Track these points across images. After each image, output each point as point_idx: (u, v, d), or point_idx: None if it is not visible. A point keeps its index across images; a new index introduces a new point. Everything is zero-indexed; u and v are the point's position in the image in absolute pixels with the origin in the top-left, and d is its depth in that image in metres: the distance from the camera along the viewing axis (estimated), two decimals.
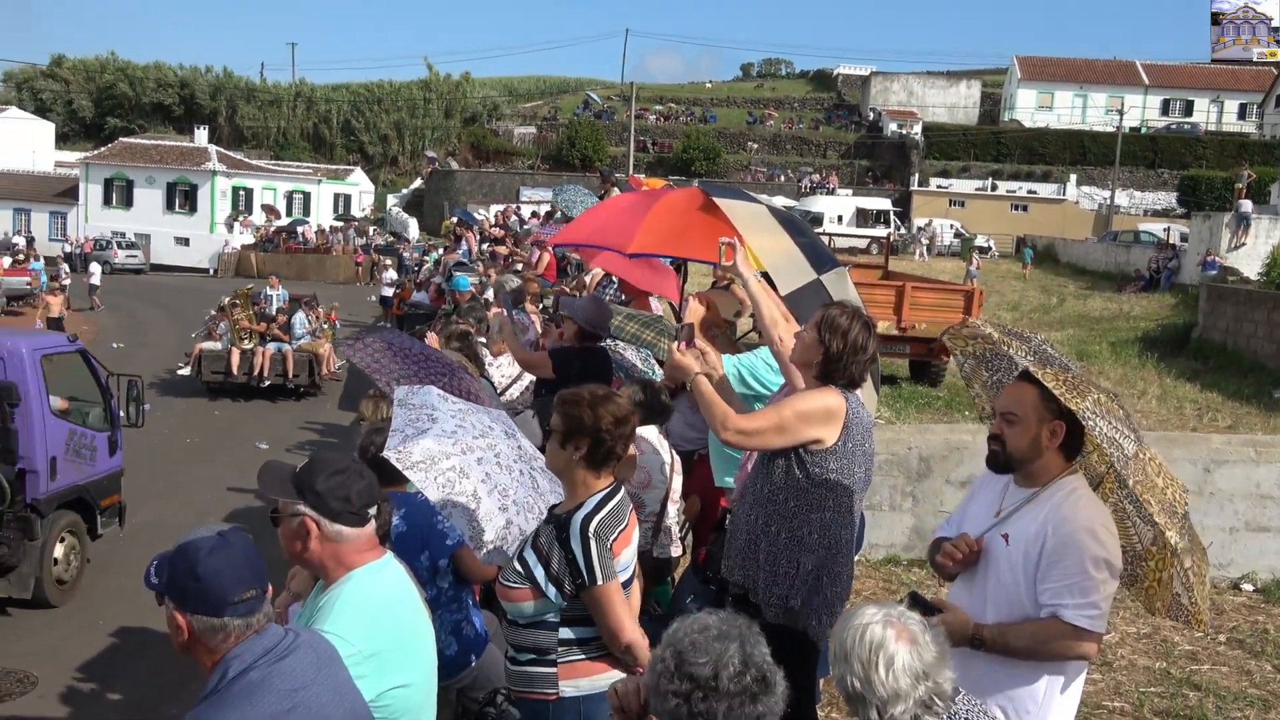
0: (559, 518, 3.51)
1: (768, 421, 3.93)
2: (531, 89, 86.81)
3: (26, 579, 8.96)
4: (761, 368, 5.41)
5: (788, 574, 3.93)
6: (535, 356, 6.58)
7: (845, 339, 3.88)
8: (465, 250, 24.60)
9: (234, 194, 53.83)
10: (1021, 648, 3.25)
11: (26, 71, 79.19)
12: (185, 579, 2.43)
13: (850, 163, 66.20)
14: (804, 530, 3.92)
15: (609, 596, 3.41)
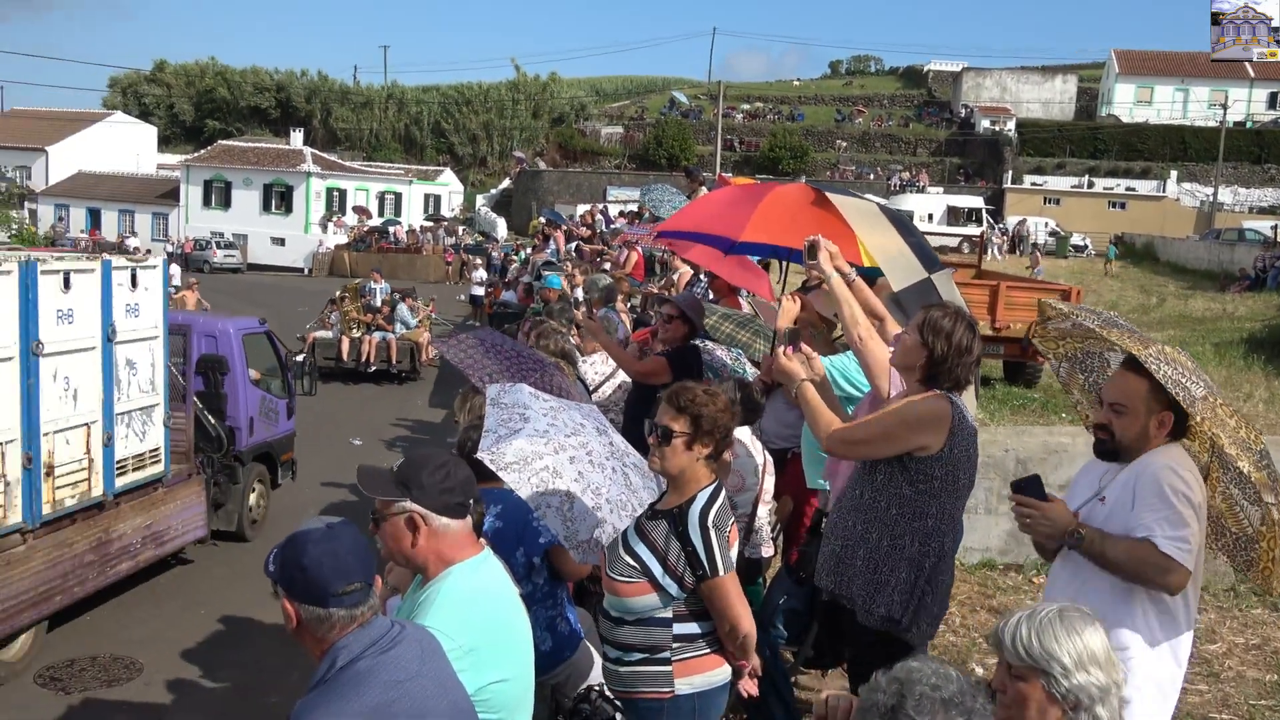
0: (672, 512, 3.52)
1: (874, 431, 3.88)
2: (618, 89, 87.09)
3: (231, 515, 10.85)
4: (853, 369, 5.36)
5: (886, 582, 3.87)
6: (649, 365, 6.54)
7: (950, 341, 3.81)
8: (553, 249, 24.79)
9: (328, 195, 54.96)
10: (1115, 556, 3.33)
11: (130, 77, 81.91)
12: (293, 568, 2.49)
13: (941, 160, 65.19)
14: (905, 539, 3.86)
15: (728, 587, 3.44)
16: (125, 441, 8.82)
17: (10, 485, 7.52)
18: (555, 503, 3.95)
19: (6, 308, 7.42)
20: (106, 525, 8.67)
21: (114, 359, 8.58)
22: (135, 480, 9.03)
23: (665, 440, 3.54)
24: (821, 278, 4.68)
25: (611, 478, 4.15)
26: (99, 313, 8.41)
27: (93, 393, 8.35)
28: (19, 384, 7.51)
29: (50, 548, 8.01)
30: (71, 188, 57.83)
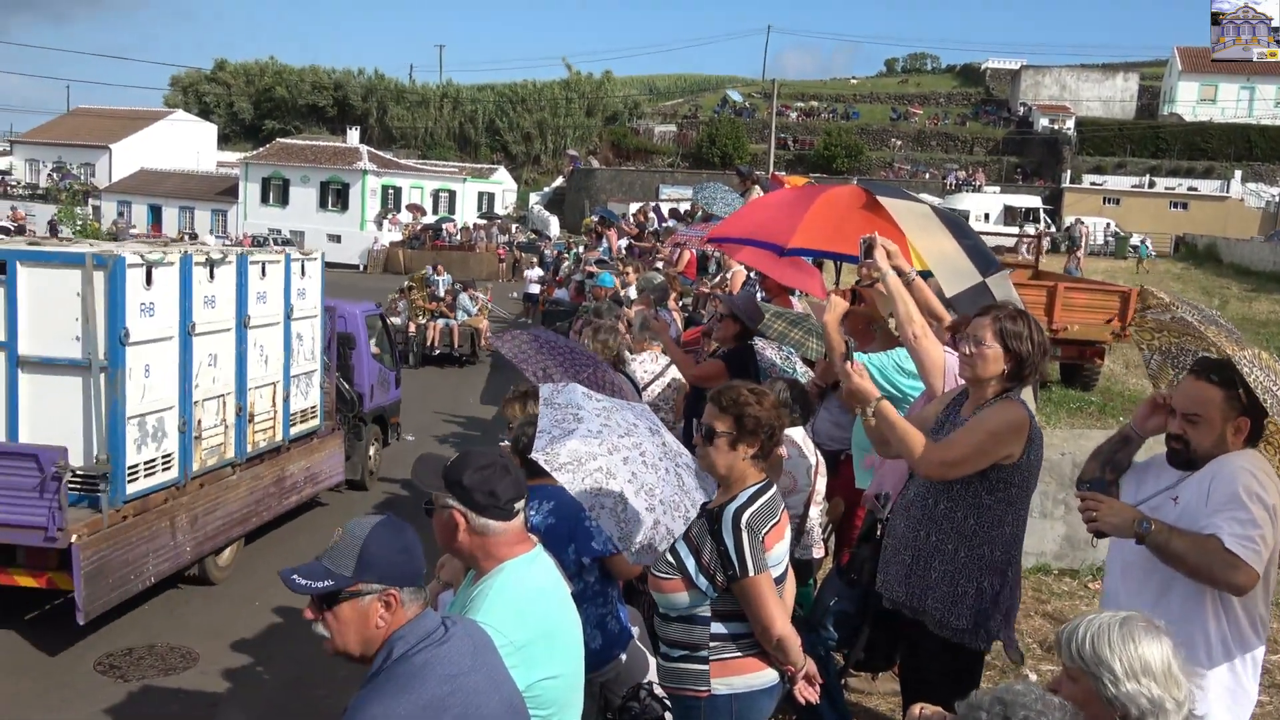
0: (711, 510, 3.54)
1: (968, 450, 3.81)
2: (672, 87, 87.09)
3: (356, 466, 12.71)
4: (891, 368, 5.33)
5: (965, 594, 3.84)
6: (707, 369, 6.53)
7: (1030, 341, 3.85)
8: (605, 248, 24.84)
9: (383, 192, 55.48)
10: (1179, 550, 3.25)
11: (191, 76, 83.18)
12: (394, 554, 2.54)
13: (998, 159, 64.40)
14: (985, 548, 3.82)
15: (760, 589, 3.41)
16: (295, 399, 10.83)
17: (228, 428, 9.59)
18: (609, 504, 3.95)
19: (226, 291, 9.45)
20: (283, 465, 10.71)
21: (290, 332, 10.61)
22: (301, 431, 11.05)
23: (709, 439, 3.55)
24: (877, 276, 4.64)
25: (664, 479, 4.14)
26: (282, 295, 10.43)
27: (276, 359, 10.40)
28: (234, 350, 9.64)
29: (250, 479, 10.09)
30: (134, 185, 58.93)
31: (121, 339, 8.06)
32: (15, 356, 8.10)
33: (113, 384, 8.05)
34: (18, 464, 7.82)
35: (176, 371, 8.78)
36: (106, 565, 8.06)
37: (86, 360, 8.03)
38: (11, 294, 8.08)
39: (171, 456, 8.80)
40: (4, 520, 7.85)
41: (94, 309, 7.99)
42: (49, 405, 8.14)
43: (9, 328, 8.10)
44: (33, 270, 8.16)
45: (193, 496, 9.13)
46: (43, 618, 8.81)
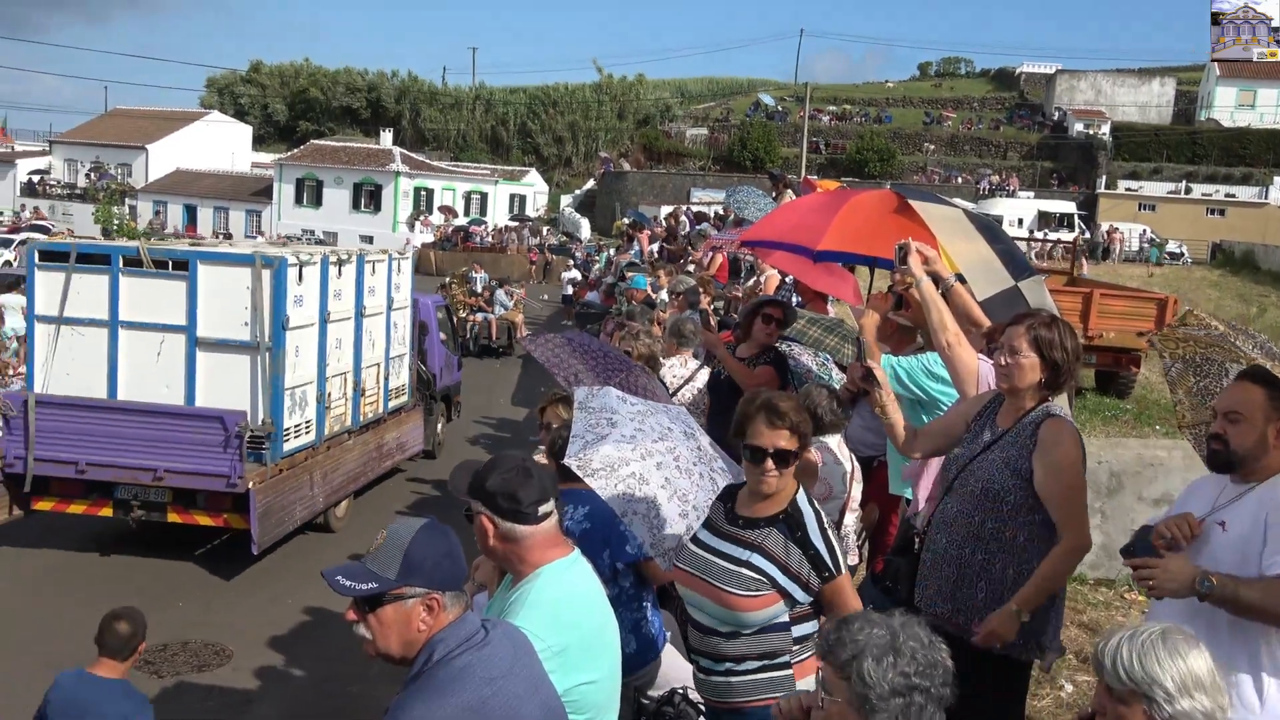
0: (780, 520, 3.51)
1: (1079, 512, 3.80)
2: (703, 90, 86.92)
3: (429, 439, 14.27)
4: (920, 372, 5.30)
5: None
6: (760, 374, 6.52)
7: (1065, 348, 3.83)
8: (637, 251, 24.84)
9: (416, 194, 55.79)
10: (1254, 602, 3.10)
11: (227, 77, 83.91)
12: (439, 558, 2.56)
13: (1032, 164, 63.91)
14: (1034, 564, 3.77)
15: (848, 583, 3.51)
16: (392, 378, 12.59)
17: (347, 401, 11.40)
18: (642, 509, 3.94)
19: (348, 286, 11.18)
20: (382, 434, 12.41)
21: (390, 321, 12.36)
22: (395, 405, 12.80)
23: (786, 463, 3.50)
24: (911, 282, 4.62)
25: (699, 484, 4.13)
26: (385, 289, 12.15)
27: (380, 343, 12.14)
28: (353, 336, 11.40)
29: (360, 445, 11.81)
30: (169, 184, 59.54)
31: (283, 325, 9.88)
32: (195, 338, 9.90)
33: (275, 362, 9.87)
34: (206, 424, 9.63)
35: (316, 353, 10.63)
36: (271, 508, 9.87)
37: (254, 342, 9.82)
38: (192, 287, 9.86)
39: (310, 423, 10.64)
40: (194, 469, 9.65)
41: (262, 300, 9.78)
42: (220, 378, 9.94)
43: (189, 314, 9.88)
44: (210, 268, 9.93)
45: (324, 456, 10.95)
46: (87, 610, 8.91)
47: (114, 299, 9.96)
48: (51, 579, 9.95)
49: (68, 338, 10.04)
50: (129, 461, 9.76)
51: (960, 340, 4.51)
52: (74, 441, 9.80)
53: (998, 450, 3.88)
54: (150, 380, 9.99)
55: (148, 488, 9.86)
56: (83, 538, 10.90)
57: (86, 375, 10.03)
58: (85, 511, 10.28)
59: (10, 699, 7.20)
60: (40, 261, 10.20)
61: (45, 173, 63.33)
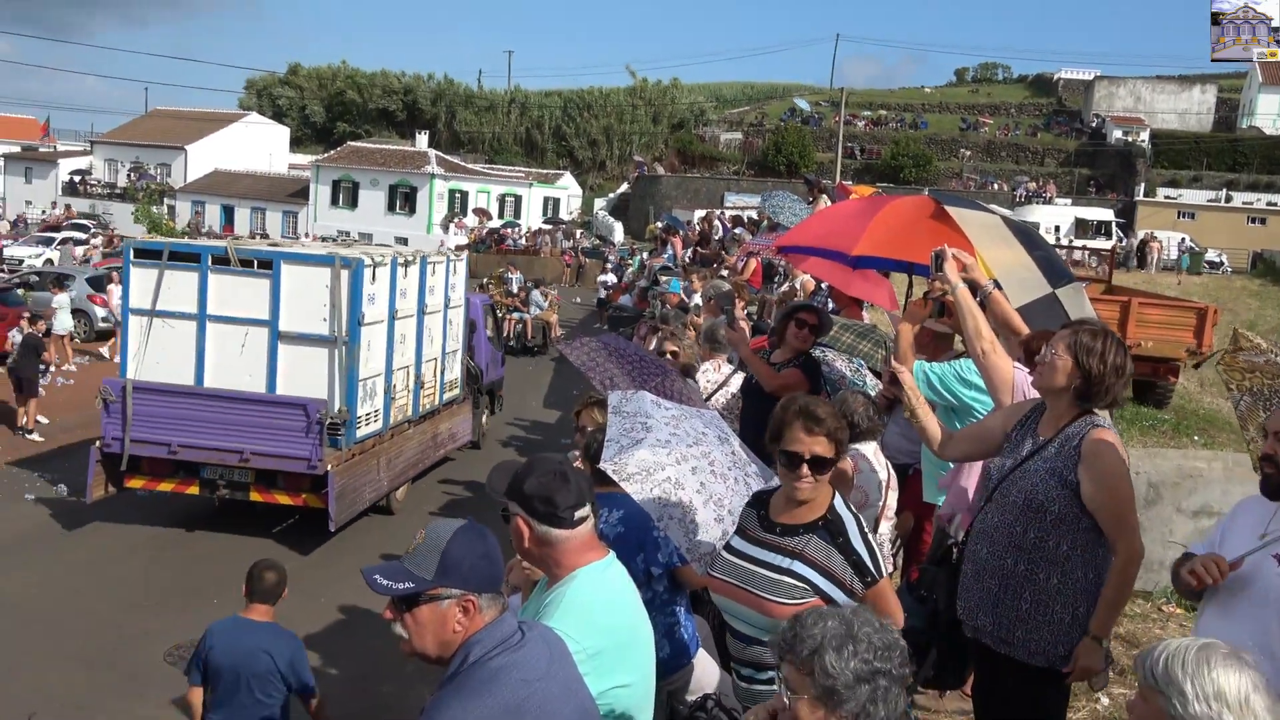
0: (818, 525, 3.48)
1: (1130, 520, 3.74)
2: (738, 94, 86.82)
3: (475, 430, 15.16)
4: (952, 378, 5.26)
5: (1061, 621, 3.74)
6: (787, 377, 6.49)
7: (1105, 360, 3.72)
8: (670, 255, 24.83)
9: (450, 196, 56.06)
10: None
11: (266, 80, 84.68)
12: (475, 559, 2.56)
13: (1070, 171, 63.38)
14: (1079, 573, 3.73)
15: (889, 587, 3.48)
16: (447, 372, 13.51)
17: (409, 393, 12.26)
18: (677, 514, 3.93)
19: (412, 286, 11.98)
20: (437, 424, 13.35)
21: (446, 318, 13.21)
22: (448, 398, 13.72)
23: (823, 470, 3.46)
24: (947, 289, 4.59)
25: (734, 488, 4.12)
26: (443, 289, 13.04)
27: (438, 340, 13.03)
28: (415, 332, 12.23)
29: (418, 434, 12.69)
30: (208, 185, 60.14)
31: (359, 321, 10.71)
32: (276, 331, 10.73)
33: (351, 355, 10.74)
34: (290, 411, 10.56)
35: (384, 347, 11.45)
36: (346, 489, 10.69)
37: (332, 336, 10.69)
38: (276, 285, 10.67)
39: (378, 412, 11.46)
40: (278, 452, 10.59)
41: (340, 298, 10.62)
42: (300, 369, 10.77)
43: (273, 310, 10.71)
44: (293, 267, 10.73)
45: (389, 444, 11.79)
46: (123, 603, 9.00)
47: (203, 294, 10.80)
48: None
49: (159, 329, 10.91)
50: (217, 444, 10.68)
51: (996, 348, 4.47)
52: (167, 425, 10.74)
53: (1040, 460, 3.82)
54: (234, 370, 10.83)
55: (233, 468, 10.83)
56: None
57: (175, 364, 10.89)
58: (174, 489, 11.21)
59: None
60: (135, 259, 11.03)
61: (86, 172, 64.14)
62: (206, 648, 5.24)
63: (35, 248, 35.97)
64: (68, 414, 16.79)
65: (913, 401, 4.25)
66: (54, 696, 7.52)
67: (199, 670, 5.24)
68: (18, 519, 11.70)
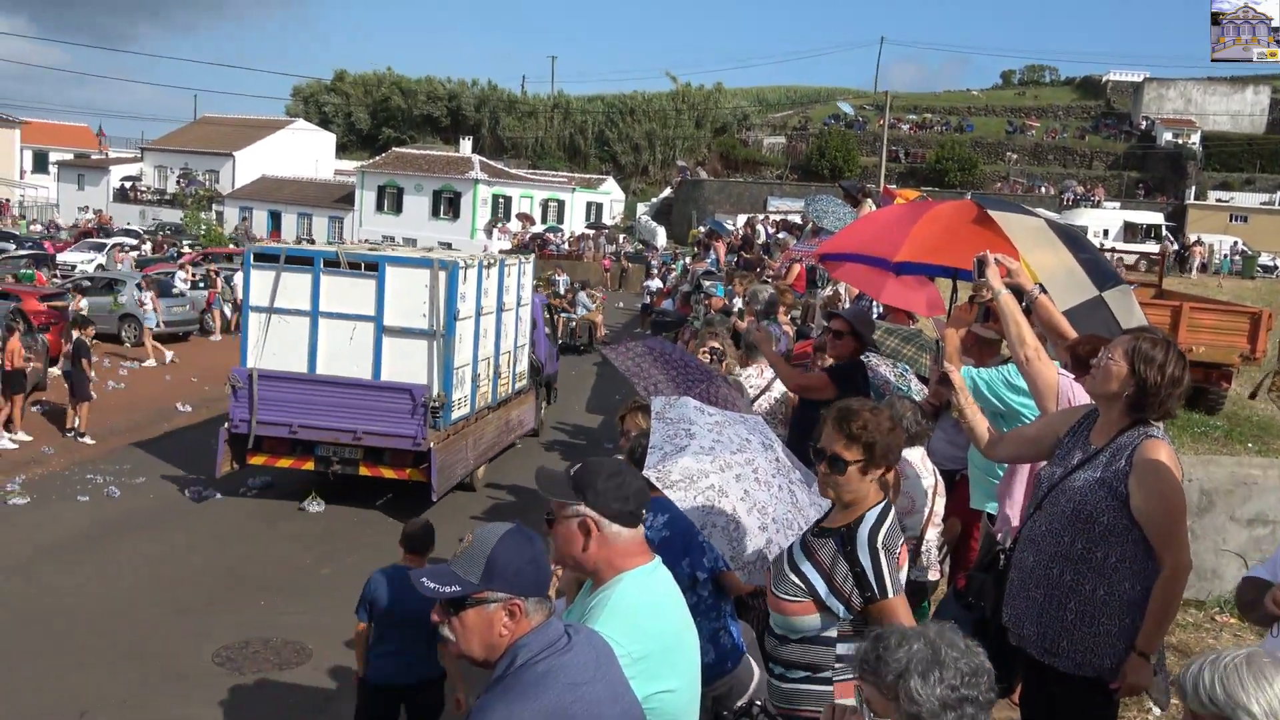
0: (840, 531, 3.44)
1: (1180, 536, 3.65)
2: (782, 99, 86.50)
3: (536, 418, 16.56)
4: (1000, 383, 5.21)
5: (1107, 633, 3.68)
6: (811, 378, 6.46)
7: (1162, 372, 3.64)
8: (713, 259, 24.77)
9: (494, 201, 56.31)
10: None
11: (312, 86, 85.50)
12: (521, 564, 2.55)
13: (1118, 174, 62.54)
14: (1126, 584, 3.66)
15: (898, 610, 3.33)
16: (517, 364, 15.07)
17: (489, 382, 13.75)
18: (721, 522, 3.91)
19: (493, 285, 13.59)
20: (508, 412, 14.75)
21: (518, 315, 14.85)
22: (517, 388, 15.23)
23: (839, 470, 3.43)
24: (990, 295, 4.55)
25: (777, 496, 4.10)
26: (515, 288, 14.62)
27: (511, 334, 14.60)
28: (495, 327, 13.75)
29: (494, 419, 14.13)
30: (255, 191, 60.85)
31: (454, 316, 12.13)
32: (381, 326, 12.07)
33: (447, 346, 12.14)
34: (398, 395, 11.95)
35: (472, 340, 12.89)
36: (444, 464, 12.08)
37: (431, 330, 12.06)
38: (381, 285, 12.03)
39: (467, 398, 12.90)
40: (386, 431, 12.00)
41: (438, 296, 11.99)
42: (401, 358, 12.10)
43: (378, 306, 12.05)
44: (396, 269, 12.14)
45: (474, 426, 13.23)
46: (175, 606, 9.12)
47: (315, 293, 12.13)
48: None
49: (276, 324, 12.24)
50: (332, 424, 12.08)
51: (1040, 354, 4.42)
52: (287, 408, 12.15)
53: (1090, 469, 3.75)
54: (343, 360, 12.17)
55: (345, 446, 12.18)
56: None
57: (289, 355, 12.25)
58: (291, 465, 12.55)
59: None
60: (255, 262, 12.41)
61: (137, 179, 65.12)
62: (371, 590, 5.97)
63: (87, 253, 36.54)
64: (118, 418, 17.06)
65: (962, 402, 4.21)
66: (105, 695, 7.63)
67: (366, 610, 5.98)
68: (71, 521, 11.89)
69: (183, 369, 21.84)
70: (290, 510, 12.48)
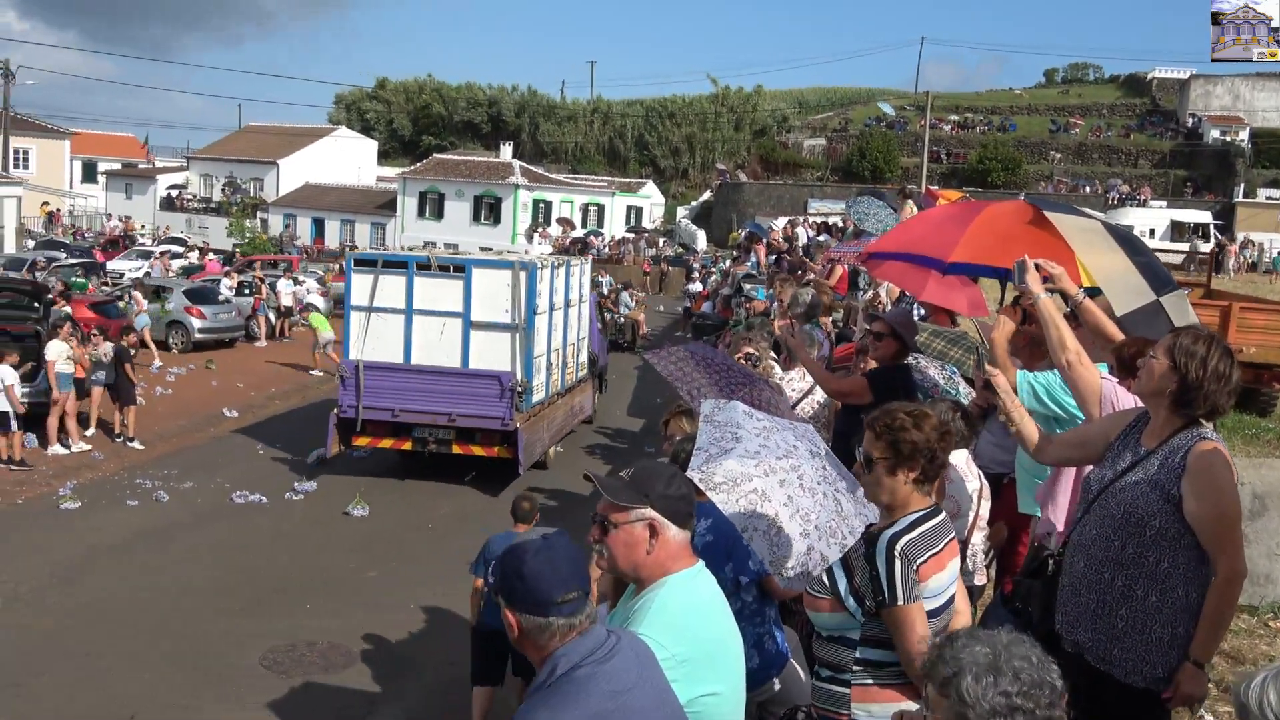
0: (870, 534, 3.44)
1: (1235, 541, 3.57)
2: (821, 100, 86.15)
3: (592, 405, 18.07)
4: (1057, 388, 5.13)
5: (1160, 640, 3.60)
6: (848, 383, 6.40)
7: (1205, 365, 3.56)
8: (753, 262, 24.70)
9: (534, 206, 56.51)
10: None
11: (354, 94, 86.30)
12: (513, 579, 2.54)
13: (1164, 173, 61.62)
14: (1179, 590, 3.58)
15: (909, 619, 3.28)
16: (579, 355, 16.68)
17: (558, 371, 15.40)
18: (762, 527, 3.88)
19: (560, 283, 15.22)
20: (571, 399, 16.32)
21: (579, 312, 16.49)
22: (578, 377, 16.84)
23: (867, 466, 3.45)
24: (1030, 300, 4.49)
25: (822, 503, 4.06)
26: (578, 287, 16.45)
27: (575, 327, 16.24)
28: (563, 321, 15.46)
29: (563, 404, 15.76)
30: (299, 198, 61.48)
31: (534, 311, 13.76)
32: (469, 321, 13.65)
33: (528, 338, 13.71)
34: (488, 381, 13.55)
35: (546, 333, 14.53)
36: (529, 442, 13.69)
37: (514, 324, 13.58)
38: (467, 285, 13.61)
39: (542, 384, 14.50)
40: (478, 414, 13.60)
41: (519, 294, 13.55)
42: (487, 350, 13.65)
43: (465, 304, 13.62)
44: (481, 271, 13.76)
45: (548, 410, 14.86)
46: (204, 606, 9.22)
47: (409, 293, 13.68)
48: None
49: (375, 321, 13.77)
50: (429, 408, 13.65)
51: (1081, 358, 4.34)
52: (389, 394, 13.70)
53: (1140, 472, 3.69)
54: (434, 351, 13.71)
55: (439, 427, 13.73)
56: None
57: (386, 348, 13.74)
58: (391, 446, 14.08)
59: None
60: (355, 267, 14.00)
61: (182, 187, 66.04)
62: (490, 551, 7.07)
63: (134, 261, 37.10)
64: (165, 423, 17.29)
65: (1009, 406, 4.16)
66: (154, 697, 7.73)
67: (483, 566, 7.03)
68: (121, 524, 12.07)
69: (229, 375, 22.09)
70: (335, 515, 12.59)
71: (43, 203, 53.02)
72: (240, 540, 11.57)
